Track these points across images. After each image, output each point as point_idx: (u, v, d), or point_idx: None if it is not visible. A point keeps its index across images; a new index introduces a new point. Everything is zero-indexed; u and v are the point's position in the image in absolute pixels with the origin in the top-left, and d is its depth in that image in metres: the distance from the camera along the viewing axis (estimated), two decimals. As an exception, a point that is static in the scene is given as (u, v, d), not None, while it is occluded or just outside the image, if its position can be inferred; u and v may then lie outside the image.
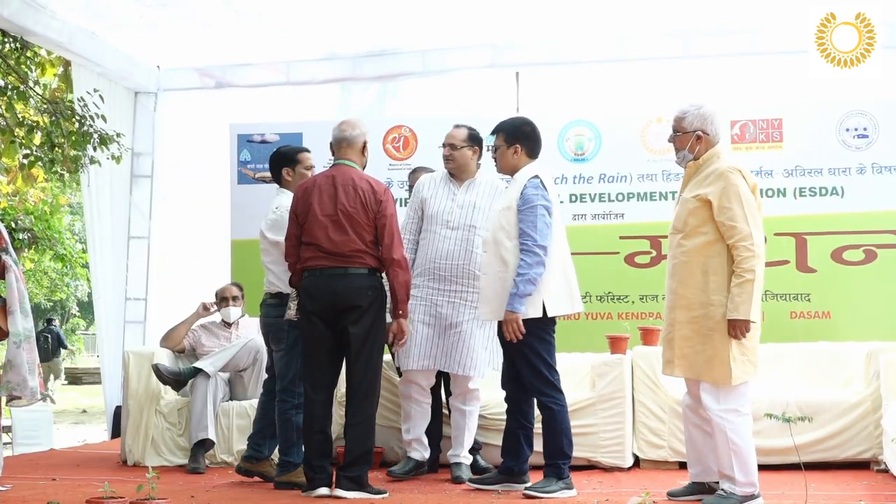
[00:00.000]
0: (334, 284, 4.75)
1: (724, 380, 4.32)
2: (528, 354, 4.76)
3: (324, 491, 4.72)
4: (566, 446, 4.81)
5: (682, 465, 5.21)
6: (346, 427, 4.83)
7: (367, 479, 4.77)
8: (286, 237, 4.94)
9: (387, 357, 5.95)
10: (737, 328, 4.28)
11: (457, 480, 5.20)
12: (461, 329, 5.25)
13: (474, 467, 5.43)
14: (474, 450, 5.55)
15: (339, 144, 4.95)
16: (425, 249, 5.34)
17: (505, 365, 5.00)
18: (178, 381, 5.98)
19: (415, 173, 5.86)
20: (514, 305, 4.65)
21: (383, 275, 4.89)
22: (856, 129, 6.69)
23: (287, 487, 5.05)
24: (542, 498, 4.68)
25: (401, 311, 4.83)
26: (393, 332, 4.87)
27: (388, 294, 4.88)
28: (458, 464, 5.32)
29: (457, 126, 5.43)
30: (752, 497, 4.34)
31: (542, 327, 4.78)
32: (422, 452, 5.40)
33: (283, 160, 5.35)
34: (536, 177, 4.83)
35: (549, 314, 4.75)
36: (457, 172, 5.37)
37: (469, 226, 5.28)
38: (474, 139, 5.38)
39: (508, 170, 4.96)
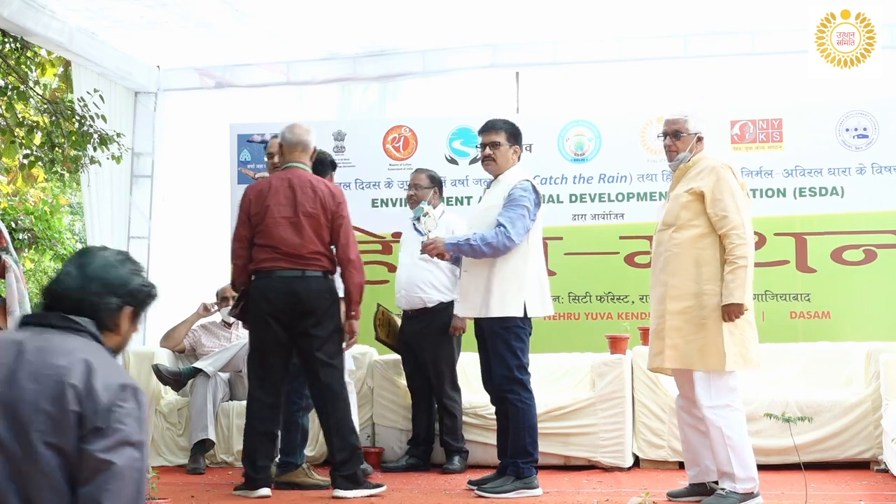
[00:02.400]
0: (294, 287, 4.76)
1: (718, 366, 4.35)
2: (503, 351, 4.81)
3: (265, 492, 4.74)
4: (529, 445, 4.82)
5: (682, 465, 5.21)
6: (327, 433, 4.82)
7: (362, 476, 4.77)
8: (236, 238, 4.96)
9: (392, 357, 5.98)
10: (730, 312, 4.34)
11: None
12: None
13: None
14: (459, 451, 5.60)
15: (293, 148, 4.96)
16: None
17: (483, 366, 5.02)
18: (178, 381, 5.99)
19: (417, 174, 5.90)
20: (450, 244, 4.78)
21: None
22: (856, 129, 6.69)
23: (287, 487, 5.05)
24: (490, 497, 4.69)
25: (353, 313, 4.85)
26: (346, 332, 4.91)
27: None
28: None
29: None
30: (752, 495, 4.34)
31: (521, 327, 4.83)
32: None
33: (330, 166, 5.48)
34: (528, 180, 4.86)
35: (529, 314, 4.82)
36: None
37: None
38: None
39: (503, 168, 4.96)
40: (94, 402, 2.00)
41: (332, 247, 4.88)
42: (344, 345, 4.92)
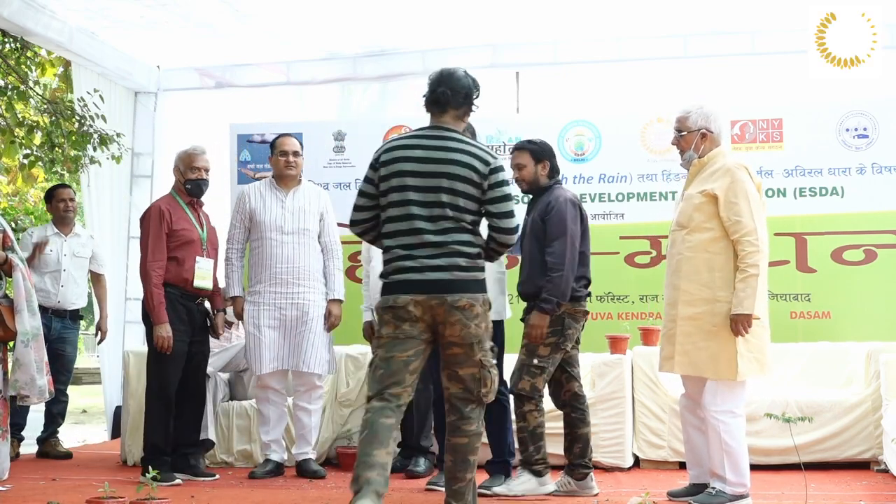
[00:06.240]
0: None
1: (730, 375, 4.31)
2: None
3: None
4: (512, 445, 4.92)
5: (683, 466, 5.21)
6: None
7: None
8: None
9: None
10: (739, 323, 4.27)
11: (313, 475, 5.39)
12: (307, 329, 5.43)
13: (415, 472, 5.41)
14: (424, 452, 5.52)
15: None
16: (261, 257, 5.51)
17: None
18: (178, 381, 5.98)
19: None
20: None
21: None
22: (856, 129, 6.69)
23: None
24: (491, 495, 4.71)
25: (152, 319, 5.28)
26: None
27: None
28: (307, 460, 5.48)
29: (286, 135, 5.70)
30: (742, 497, 4.34)
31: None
32: (280, 454, 5.56)
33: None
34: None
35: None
36: (292, 179, 5.57)
37: (303, 229, 5.48)
38: (302, 147, 5.71)
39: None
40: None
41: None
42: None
